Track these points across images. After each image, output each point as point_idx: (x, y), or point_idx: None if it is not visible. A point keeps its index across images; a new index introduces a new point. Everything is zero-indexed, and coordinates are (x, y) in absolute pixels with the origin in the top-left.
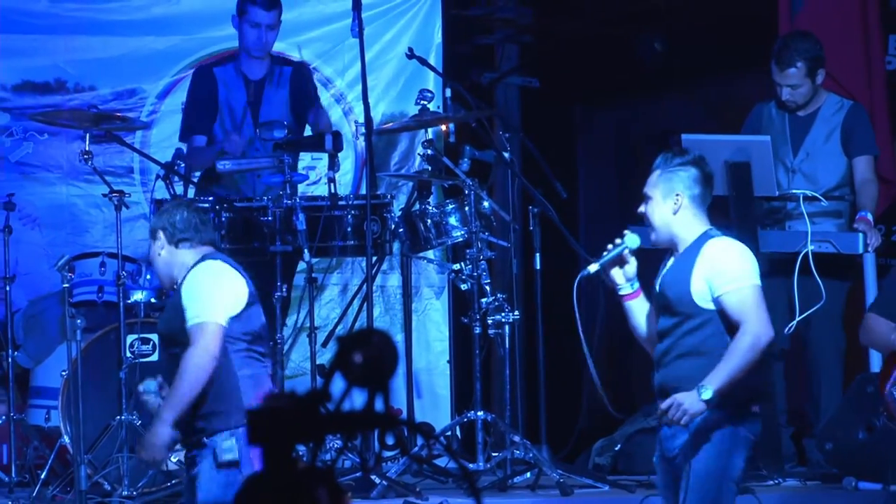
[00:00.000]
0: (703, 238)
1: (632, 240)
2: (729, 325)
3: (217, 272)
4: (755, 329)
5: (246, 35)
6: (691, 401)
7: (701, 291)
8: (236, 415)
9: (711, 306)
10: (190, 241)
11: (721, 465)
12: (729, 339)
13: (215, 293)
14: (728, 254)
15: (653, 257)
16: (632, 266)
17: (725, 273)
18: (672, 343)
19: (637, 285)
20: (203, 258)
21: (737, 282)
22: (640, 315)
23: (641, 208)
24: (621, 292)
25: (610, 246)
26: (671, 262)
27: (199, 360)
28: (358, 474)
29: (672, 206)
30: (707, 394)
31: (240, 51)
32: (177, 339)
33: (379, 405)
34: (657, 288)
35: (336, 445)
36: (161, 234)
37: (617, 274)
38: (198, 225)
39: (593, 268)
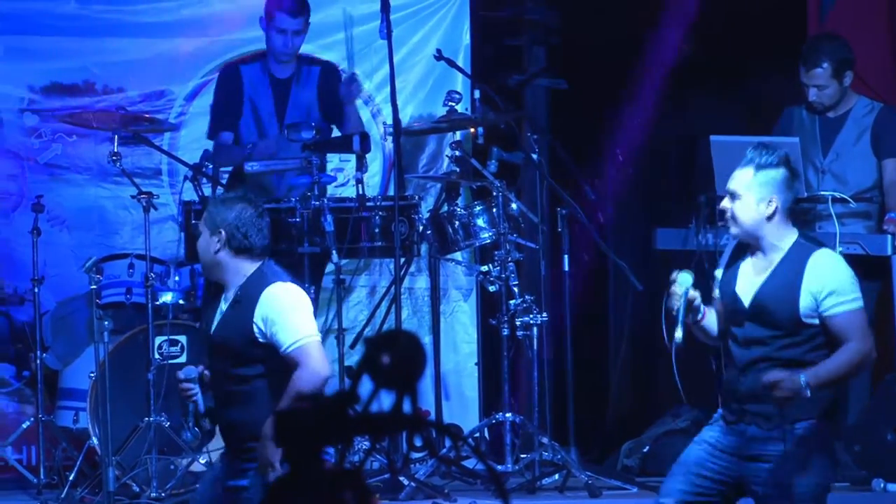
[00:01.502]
0: (803, 249)
1: (685, 279)
2: (830, 339)
3: (294, 294)
4: (864, 349)
5: (272, 40)
6: (797, 385)
7: (808, 308)
8: None
9: (816, 322)
10: (250, 252)
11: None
12: (828, 353)
13: (302, 314)
14: (837, 270)
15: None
16: (698, 298)
17: (835, 292)
18: (767, 353)
19: (703, 307)
20: (266, 273)
21: (849, 302)
22: (712, 324)
23: (726, 204)
24: (697, 320)
25: (675, 290)
26: (766, 271)
27: (312, 382)
28: (386, 476)
29: (766, 211)
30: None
31: (267, 52)
32: (238, 356)
33: (406, 407)
34: (745, 299)
35: (364, 447)
36: (223, 234)
37: (692, 312)
38: (260, 232)
39: (679, 335)
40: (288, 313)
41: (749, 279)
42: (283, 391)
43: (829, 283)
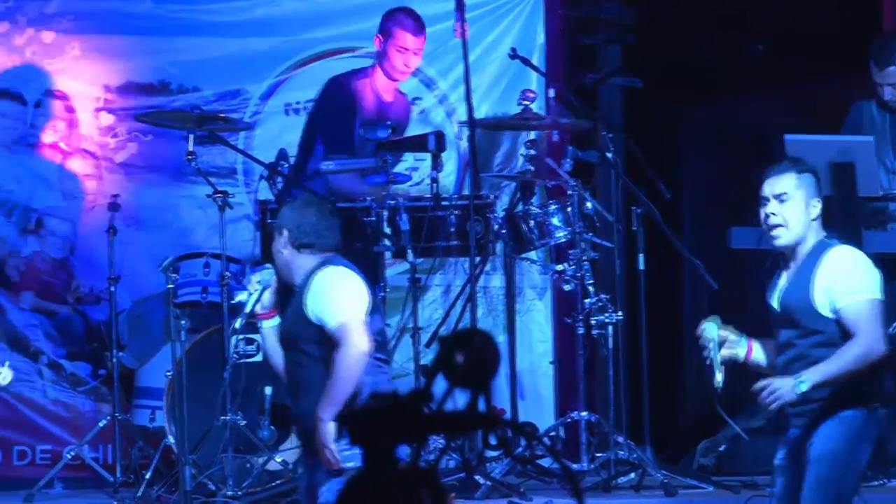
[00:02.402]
0: (822, 246)
1: (711, 329)
2: (845, 334)
3: (343, 276)
4: (867, 342)
5: (391, 59)
6: (787, 388)
7: (823, 304)
8: None
9: (832, 316)
10: (311, 248)
11: (848, 448)
12: None
13: (347, 294)
14: (847, 265)
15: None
16: (732, 337)
17: (844, 285)
18: (798, 353)
19: (745, 341)
20: (324, 263)
21: (855, 294)
22: (760, 358)
23: (773, 208)
24: (742, 359)
25: (709, 346)
26: (790, 273)
27: (352, 359)
28: (461, 475)
29: (813, 213)
30: (803, 386)
31: (374, 64)
32: (297, 343)
33: (481, 406)
34: (776, 305)
35: (439, 446)
36: (285, 233)
37: (729, 354)
38: (323, 231)
39: (719, 379)
40: (334, 293)
41: (781, 285)
42: None
43: (837, 277)
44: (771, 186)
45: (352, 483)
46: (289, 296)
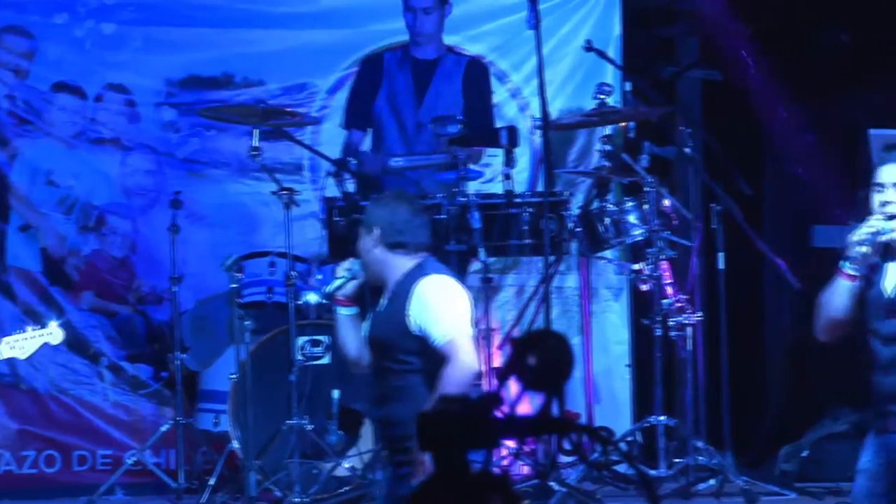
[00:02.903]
0: None
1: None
2: None
3: (449, 287)
4: None
5: (406, 20)
6: None
7: None
8: None
9: None
10: (405, 248)
11: None
12: None
13: (455, 308)
14: None
15: None
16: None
17: None
18: None
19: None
20: (424, 267)
21: None
22: (847, 296)
23: (891, 196)
24: (849, 269)
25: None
26: None
27: (461, 376)
28: (535, 480)
29: None
30: None
31: (410, 37)
32: (393, 351)
33: (554, 409)
34: (892, 294)
35: (511, 451)
36: (376, 232)
37: (865, 252)
38: (416, 228)
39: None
40: (440, 306)
41: (892, 274)
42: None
43: None
44: (891, 174)
45: (422, 488)
46: (375, 294)
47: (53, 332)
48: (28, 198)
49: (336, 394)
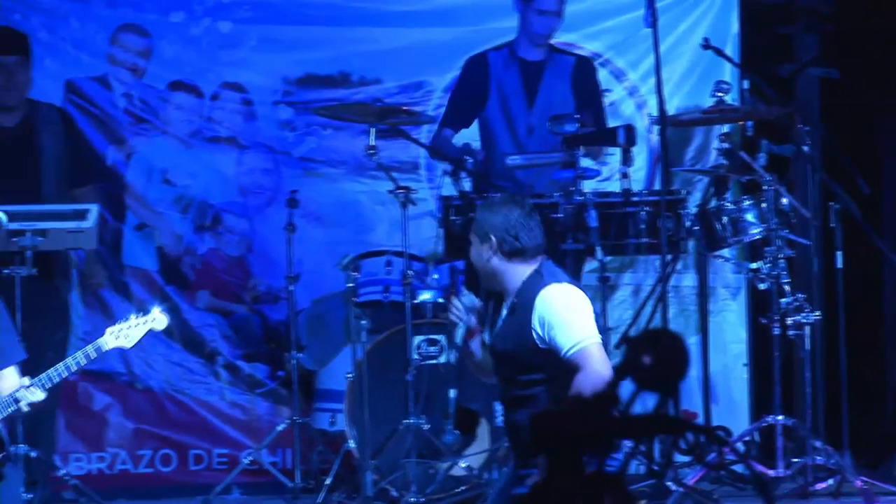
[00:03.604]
0: None
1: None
2: None
3: (571, 295)
4: None
5: (532, 23)
6: None
7: None
8: None
9: None
10: (523, 255)
11: None
12: None
13: (581, 316)
14: None
15: None
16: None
17: None
18: None
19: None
20: (542, 275)
21: None
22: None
23: None
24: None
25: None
26: None
27: (594, 385)
28: (652, 481)
29: None
30: None
31: (518, 36)
32: (518, 364)
33: (669, 409)
34: None
35: (626, 450)
36: (493, 240)
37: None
38: (531, 231)
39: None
40: (565, 316)
41: None
42: (564, 393)
43: None
44: None
45: (536, 489)
46: (494, 302)
47: (157, 318)
48: (144, 197)
49: (453, 393)
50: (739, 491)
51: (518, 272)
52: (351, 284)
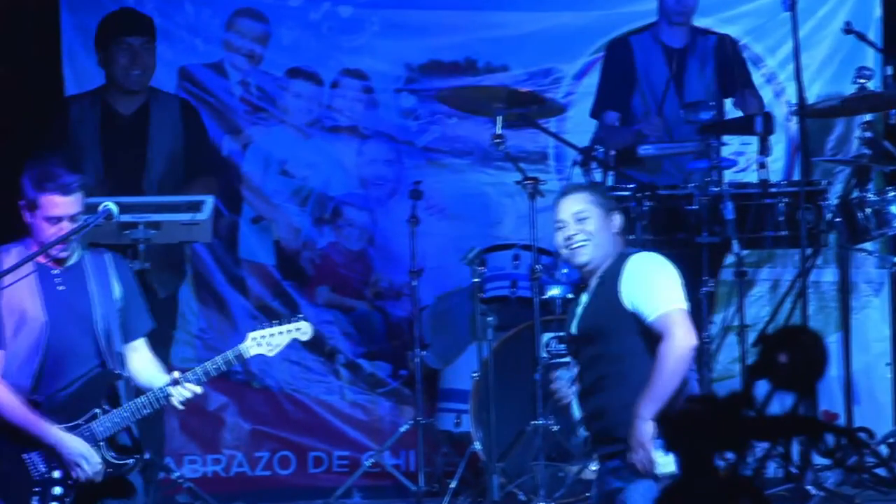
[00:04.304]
0: None
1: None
2: None
3: (660, 261)
4: None
5: (667, 1)
6: None
7: None
8: None
9: None
10: (625, 233)
11: None
12: None
13: (669, 282)
14: None
15: None
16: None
17: None
18: None
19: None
20: (628, 250)
21: None
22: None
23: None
24: None
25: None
26: None
27: (678, 353)
28: (790, 484)
29: None
30: None
31: (658, 18)
32: (603, 336)
33: (806, 410)
34: None
35: (762, 452)
36: (618, 218)
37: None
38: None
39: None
40: (651, 281)
41: None
42: (650, 367)
43: None
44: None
45: (667, 492)
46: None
47: (302, 328)
48: (261, 189)
49: None
50: (883, 495)
51: (618, 248)
52: (477, 279)
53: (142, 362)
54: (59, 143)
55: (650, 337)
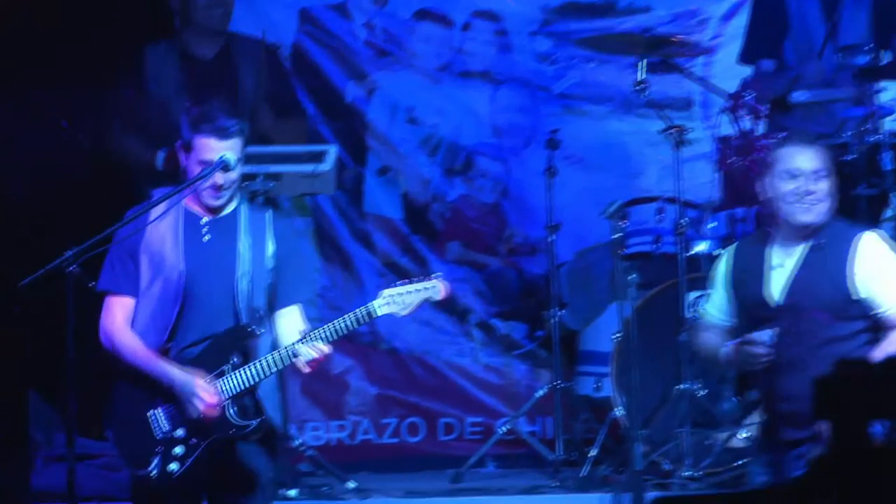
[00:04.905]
0: None
1: None
2: None
3: (891, 245)
4: None
5: None
6: None
7: None
8: None
9: None
10: None
11: None
12: None
13: None
14: None
15: None
16: None
17: None
18: None
19: None
20: (844, 219)
21: None
22: None
23: None
24: None
25: None
26: None
27: None
28: None
29: None
30: None
31: None
32: (823, 312)
33: None
34: None
35: None
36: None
37: None
38: None
39: None
40: (891, 270)
41: None
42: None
43: None
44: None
45: (819, 461)
46: (756, 253)
47: (436, 287)
48: (387, 137)
49: None
50: None
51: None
52: (618, 234)
53: (291, 331)
54: (135, 94)
55: (872, 324)
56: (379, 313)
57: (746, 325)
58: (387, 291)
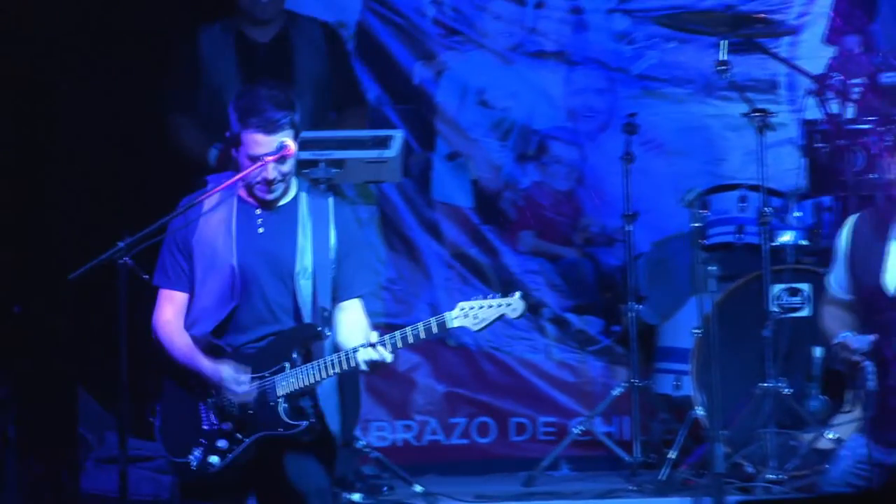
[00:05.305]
0: None
1: None
2: None
3: None
4: None
5: None
6: None
7: None
8: None
9: None
10: None
11: None
12: None
13: None
14: None
15: None
16: None
17: None
18: None
19: None
20: None
21: None
22: None
23: None
24: None
25: None
26: None
27: None
28: None
29: None
30: None
31: None
32: None
33: None
34: None
35: None
36: None
37: None
38: None
39: None
40: None
41: None
42: None
43: None
44: None
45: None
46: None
47: (514, 305)
48: (456, 121)
49: (819, 352)
50: None
51: None
52: (698, 224)
53: (350, 325)
54: (189, 78)
55: None
56: (452, 325)
57: (862, 308)
58: (464, 304)
